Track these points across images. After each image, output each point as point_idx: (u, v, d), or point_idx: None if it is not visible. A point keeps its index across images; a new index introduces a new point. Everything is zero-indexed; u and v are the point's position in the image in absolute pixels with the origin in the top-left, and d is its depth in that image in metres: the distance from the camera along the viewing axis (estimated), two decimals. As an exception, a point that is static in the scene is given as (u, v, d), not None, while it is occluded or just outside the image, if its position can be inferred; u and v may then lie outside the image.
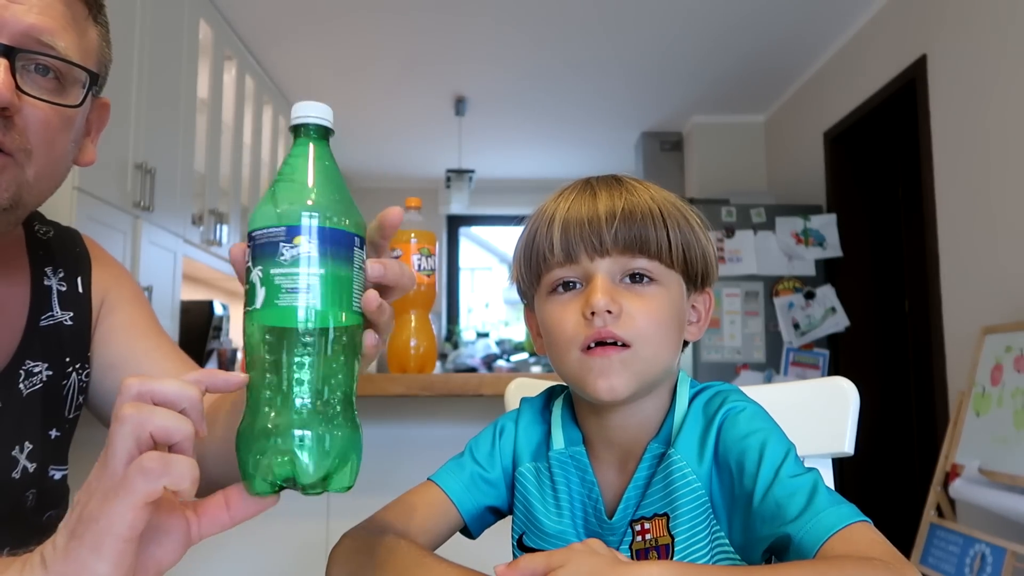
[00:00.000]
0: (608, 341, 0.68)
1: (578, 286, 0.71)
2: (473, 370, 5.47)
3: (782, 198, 4.31)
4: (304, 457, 0.51)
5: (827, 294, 3.82)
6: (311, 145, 0.56)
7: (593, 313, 0.68)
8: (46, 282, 0.85)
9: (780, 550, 0.63)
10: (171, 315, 3.14)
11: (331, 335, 0.53)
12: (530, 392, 0.89)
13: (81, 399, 0.86)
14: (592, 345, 0.68)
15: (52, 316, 0.84)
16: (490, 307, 7.26)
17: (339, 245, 0.54)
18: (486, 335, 6.39)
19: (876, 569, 0.54)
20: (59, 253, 0.87)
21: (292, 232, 0.52)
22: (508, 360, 5.79)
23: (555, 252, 0.71)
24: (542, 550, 0.72)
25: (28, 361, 0.80)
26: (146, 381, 0.50)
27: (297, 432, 0.52)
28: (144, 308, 0.92)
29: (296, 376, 0.52)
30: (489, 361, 5.65)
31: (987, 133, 2.75)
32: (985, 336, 2.52)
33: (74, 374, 0.85)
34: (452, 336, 6.34)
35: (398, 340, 1.45)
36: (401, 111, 4.96)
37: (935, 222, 3.05)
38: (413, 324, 1.45)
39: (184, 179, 3.21)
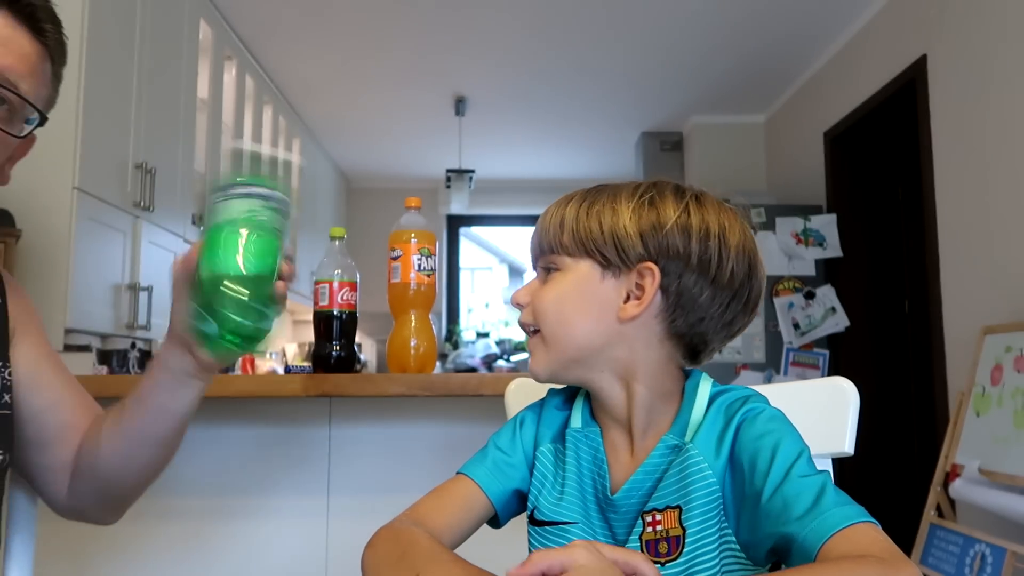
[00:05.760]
0: (529, 330, 0.79)
1: None
2: (473, 370, 5.47)
3: (782, 198, 4.31)
4: None
5: (827, 294, 3.82)
6: None
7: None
8: None
9: (783, 551, 0.63)
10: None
11: None
12: (530, 392, 0.90)
13: (7, 397, 0.89)
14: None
15: None
16: (490, 307, 7.26)
17: None
18: (486, 335, 6.39)
19: (871, 566, 0.55)
20: None
21: None
22: (508, 360, 5.80)
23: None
24: (553, 522, 0.77)
25: None
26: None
27: None
28: (47, 342, 0.99)
29: None
30: (489, 361, 5.66)
31: (987, 133, 2.75)
32: (985, 336, 2.51)
33: None
34: (452, 336, 6.33)
35: (398, 340, 1.45)
36: (401, 111, 4.96)
37: (935, 222, 3.05)
38: (413, 324, 1.45)
39: (184, 179, 3.21)
